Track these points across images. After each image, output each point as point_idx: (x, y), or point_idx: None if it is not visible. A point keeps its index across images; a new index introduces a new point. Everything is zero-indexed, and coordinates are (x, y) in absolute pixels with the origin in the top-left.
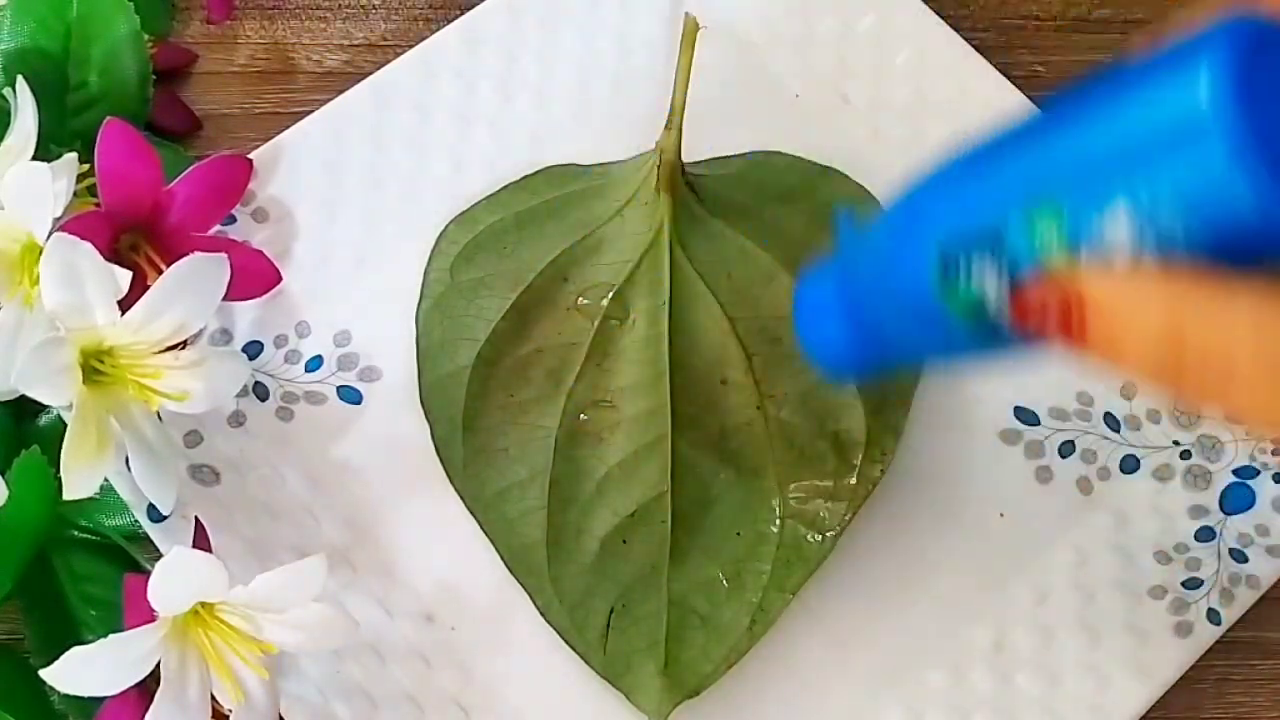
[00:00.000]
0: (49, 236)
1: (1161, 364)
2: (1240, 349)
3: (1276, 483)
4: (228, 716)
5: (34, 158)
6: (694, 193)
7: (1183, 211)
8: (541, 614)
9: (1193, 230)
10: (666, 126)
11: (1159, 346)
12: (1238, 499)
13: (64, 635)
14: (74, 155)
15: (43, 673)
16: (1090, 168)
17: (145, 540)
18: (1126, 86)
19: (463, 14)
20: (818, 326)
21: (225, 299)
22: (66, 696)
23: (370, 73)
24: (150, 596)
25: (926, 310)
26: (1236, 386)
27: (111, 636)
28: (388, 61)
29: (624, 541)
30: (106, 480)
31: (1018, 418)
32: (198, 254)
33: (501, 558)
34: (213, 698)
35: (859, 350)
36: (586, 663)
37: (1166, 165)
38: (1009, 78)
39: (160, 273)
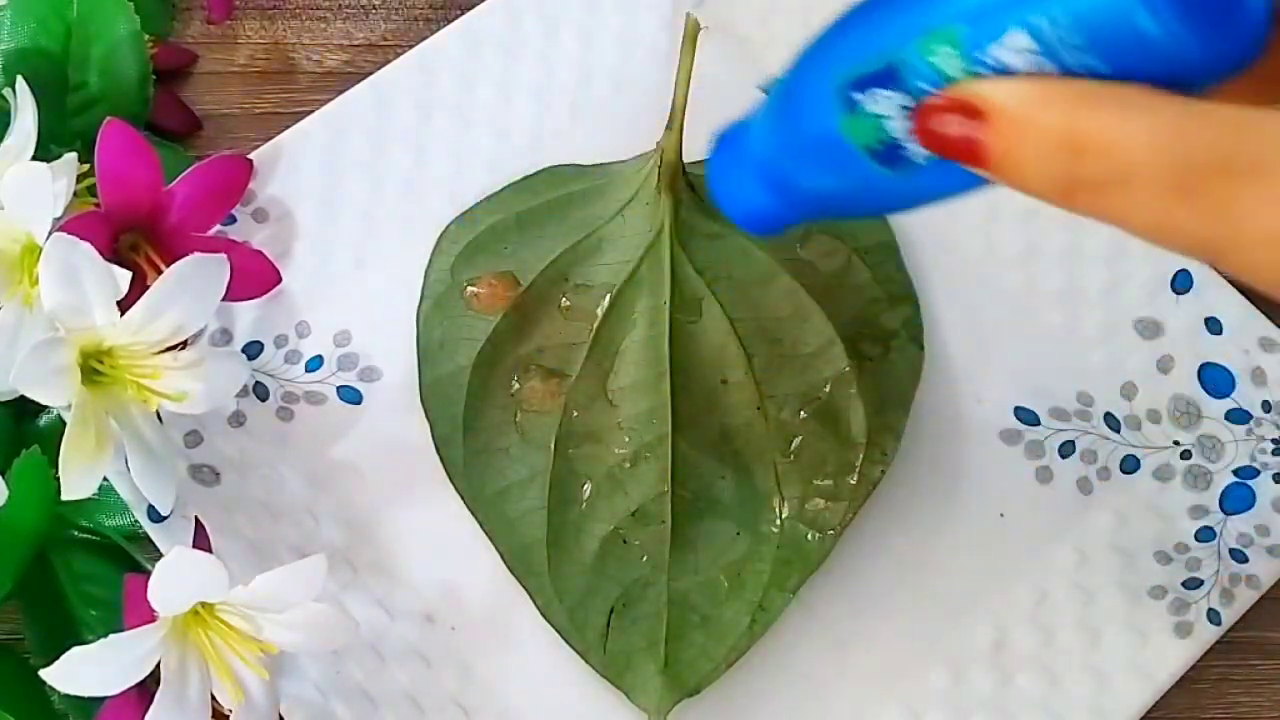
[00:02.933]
0: (49, 236)
1: (1059, 174)
2: (1135, 154)
3: (1276, 483)
4: (228, 716)
5: (34, 158)
6: (695, 193)
7: (1081, 31)
8: (541, 614)
9: (1091, 50)
10: (667, 127)
11: (1057, 154)
12: (1238, 499)
13: (64, 635)
14: (74, 155)
15: (43, 673)
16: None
17: (145, 540)
18: None
19: (463, 14)
20: (732, 184)
21: (225, 299)
22: (66, 696)
23: (370, 73)
24: (150, 596)
25: (834, 150)
26: (1130, 193)
27: (111, 636)
28: (388, 61)
29: (624, 541)
30: (106, 480)
31: (1018, 418)
32: (198, 254)
33: (501, 558)
34: (213, 698)
35: (774, 204)
36: (586, 662)
37: None
38: None
39: (160, 273)
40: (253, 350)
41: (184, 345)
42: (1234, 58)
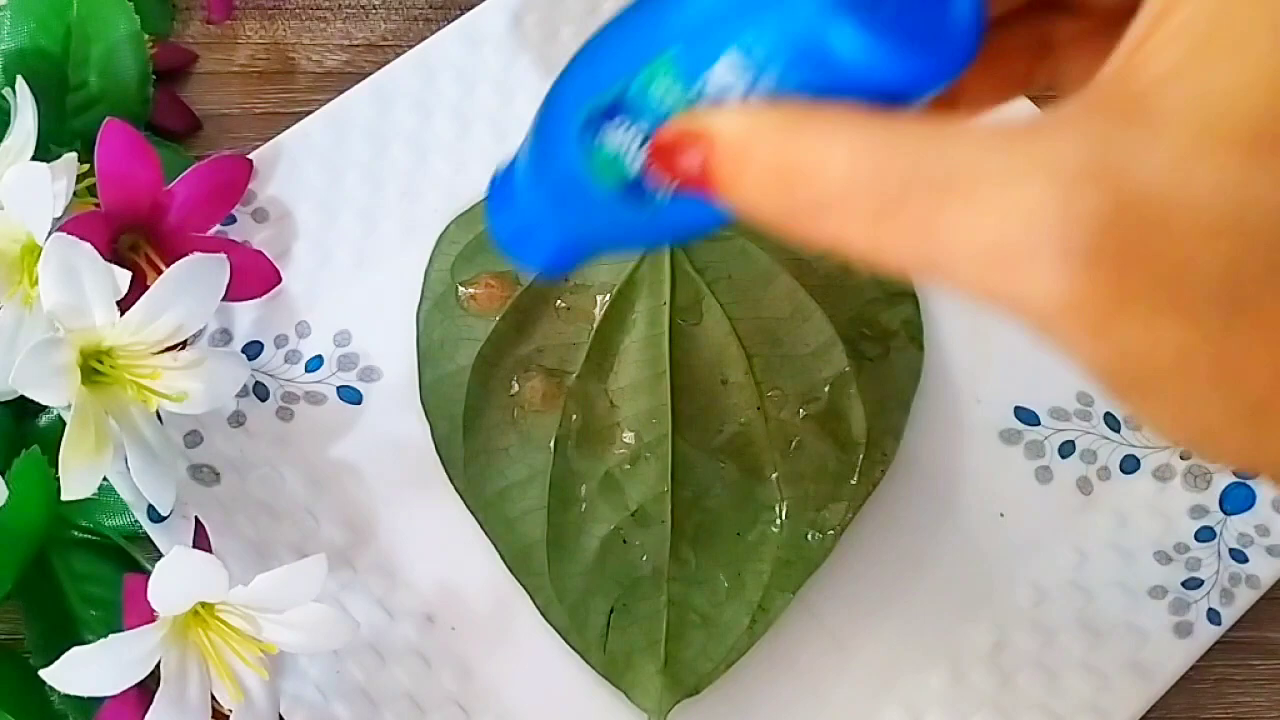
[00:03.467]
0: (49, 236)
1: (779, 202)
2: (837, 176)
3: None
4: (228, 716)
5: (34, 158)
6: None
7: (782, 56)
8: (541, 614)
9: (797, 74)
10: None
11: (772, 181)
12: (1238, 499)
13: (64, 635)
14: (74, 155)
15: (43, 673)
16: (700, 23)
17: (145, 540)
18: None
19: (463, 14)
20: (507, 229)
21: (225, 299)
22: (66, 696)
23: (370, 73)
24: (150, 596)
25: (586, 190)
26: (840, 217)
27: (111, 636)
28: (388, 61)
29: (624, 541)
30: (106, 480)
31: (1018, 418)
32: (198, 254)
33: (501, 558)
34: (213, 698)
35: (546, 247)
36: (586, 662)
37: (769, 14)
38: None
39: (160, 273)
40: (253, 350)
41: (184, 345)
42: (943, 71)
